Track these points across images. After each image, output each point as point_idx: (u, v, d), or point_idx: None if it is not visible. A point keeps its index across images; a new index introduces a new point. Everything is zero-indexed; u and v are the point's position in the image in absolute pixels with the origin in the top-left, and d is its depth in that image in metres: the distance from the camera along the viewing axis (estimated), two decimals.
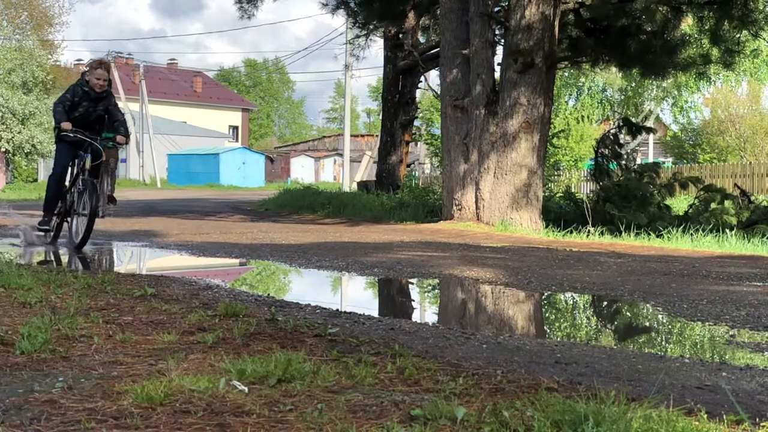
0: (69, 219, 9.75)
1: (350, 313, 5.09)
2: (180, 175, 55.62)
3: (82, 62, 64.49)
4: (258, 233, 12.24)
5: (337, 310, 5.22)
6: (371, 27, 22.74)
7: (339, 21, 65.65)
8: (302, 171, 67.44)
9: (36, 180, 51.72)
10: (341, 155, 51.15)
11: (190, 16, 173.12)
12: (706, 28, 16.51)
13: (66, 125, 9.27)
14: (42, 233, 9.82)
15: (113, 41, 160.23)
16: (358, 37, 24.55)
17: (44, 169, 56.95)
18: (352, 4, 21.44)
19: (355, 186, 31.59)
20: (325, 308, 5.26)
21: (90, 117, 9.54)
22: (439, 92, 17.14)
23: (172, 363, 3.20)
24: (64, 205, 9.78)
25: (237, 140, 72.80)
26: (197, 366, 3.21)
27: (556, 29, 14.45)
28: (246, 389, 2.86)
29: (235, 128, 75.18)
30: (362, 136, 70.86)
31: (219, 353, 3.44)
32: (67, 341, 3.67)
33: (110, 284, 5.58)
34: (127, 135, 9.66)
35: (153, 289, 5.39)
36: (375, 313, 5.59)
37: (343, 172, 46.77)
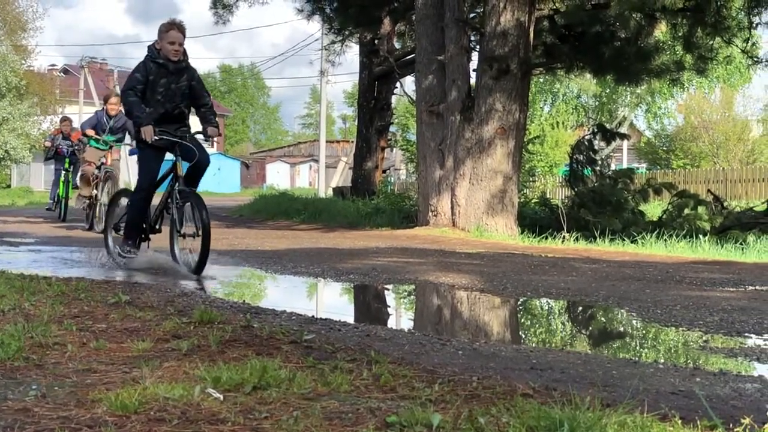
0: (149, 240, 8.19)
1: (326, 319, 5.08)
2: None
3: (55, 67, 64.12)
4: (233, 239, 12.20)
5: (313, 316, 5.21)
6: (347, 33, 22.77)
7: (314, 27, 65.52)
8: (278, 177, 67.35)
9: (9, 186, 51.32)
10: (317, 161, 51.10)
11: (165, 20, 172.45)
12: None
13: (148, 131, 7.46)
14: (125, 259, 8.02)
15: (87, 46, 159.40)
16: (333, 42, 24.55)
17: (17, 175, 56.58)
18: (327, 10, 21.45)
19: (330, 192, 31.58)
20: (300, 315, 5.24)
21: (174, 98, 7.72)
22: (414, 98, 17.17)
23: (147, 371, 3.19)
24: (148, 225, 8.11)
25: (212, 146, 72.47)
26: (172, 373, 3.19)
27: (531, 36, 14.51)
28: (221, 397, 2.84)
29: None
30: (338, 141, 70.87)
31: (194, 360, 3.43)
32: (41, 349, 3.64)
33: (84, 291, 5.54)
34: (217, 125, 8.05)
35: (127, 296, 5.36)
36: (351, 320, 5.58)
37: (318, 178, 46.75)
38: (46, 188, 48.03)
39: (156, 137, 7.49)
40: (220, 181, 55.10)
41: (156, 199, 8.08)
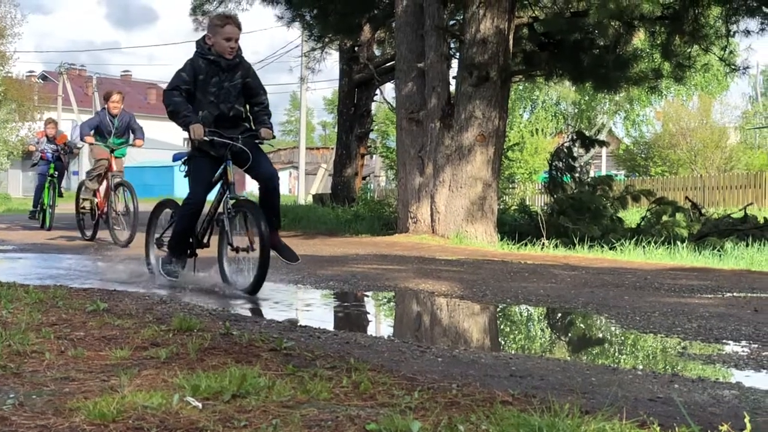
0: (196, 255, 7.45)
1: (305, 326, 5.07)
2: (134, 187, 55.04)
3: (34, 73, 63.78)
4: (212, 246, 12.13)
5: (292, 323, 5.20)
6: (327, 40, 22.75)
7: (294, 34, 65.61)
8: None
9: None
10: (296, 168, 51.02)
11: (145, 27, 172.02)
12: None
13: (197, 129, 6.62)
14: (170, 278, 7.21)
15: (66, 53, 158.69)
16: (313, 49, 24.52)
17: None
18: (307, 17, 21.42)
19: (310, 199, 31.54)
20: (280, 322, 5.23)
21: (229, 98, 6.87)
22: (394, 105, 17.18)
23: (125, 379, 3.17)
24: (195, 239, 7.36)
25: None
26: (150, 382, 3.17)
27: (511, 43, 14.56)
28: (200, 405, 2.83)
29: (190, 141, 74.69)
30: (318, 148, 70.76)
31: (173, 368, 3.41)
32: (19, 357, 3.61)
33: (62, 299, 5.51)
34: (272, 126, 7.15)
35: (105, 303, 5.33)
36: (330, 327, 5.58)
37: (298, 185, 46.69)
38: (24, 195, 47.80)
39: (206, 137, 6.68)
40: None
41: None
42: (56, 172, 15.95)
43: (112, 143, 12.45)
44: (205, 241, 7.39)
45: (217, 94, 6.82)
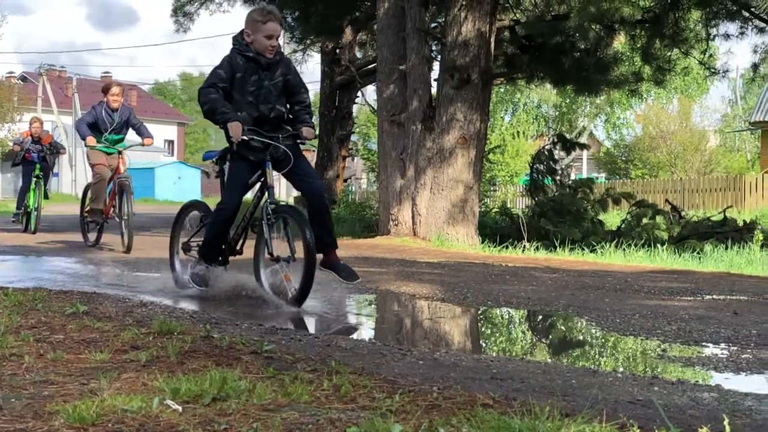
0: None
1: (286, 329, 5.07)
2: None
3: (13, 74, 63.39)
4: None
5: (274, 326, 5.18)
6: (308, 42, 22.78)
7: None
8: None
9: None
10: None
11: (125, 28, 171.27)
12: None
13: (236, 127, 6.06)
14: (199, 287, 6.66)
15: (46, 54, 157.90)
16: (295, 51, 24.52)
17: None
18: (289, 19, 21.40)
19: (292, 201, 31.48)
20: (261, 325, 5.22)
21: (269, 98, 6.34)
22: (376, 107, 17.20)
23: (105, 382, 3.15)
24: (228, 246, 6.74)
25: (172, 154, 72.11)
26: (130, 385, 3.16)
27: (492, 46, 14.59)
28: (180, 408, 2.82)
29: (171, 142, 74.45)
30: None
31: (153, 372, 3.40)
32: None
33: (41, 301, 5.47)
34: (314, 126, 6.66)
35: (85, 306, 5.30)
36: (311, 330, 5.57)
37: (279, 187, 46.60)
38: (4, 197, 47.49)
39: (245, 137, 6.12)
40: (181, 190, 54.72)
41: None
42: (42, 173, 15.32)
43: (109, 140, 11.47)
44: (238, 248, 6.81)
45: (257, 93, 6.31)
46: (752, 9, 14.99)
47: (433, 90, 14.96)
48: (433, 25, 16.49)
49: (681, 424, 2.89)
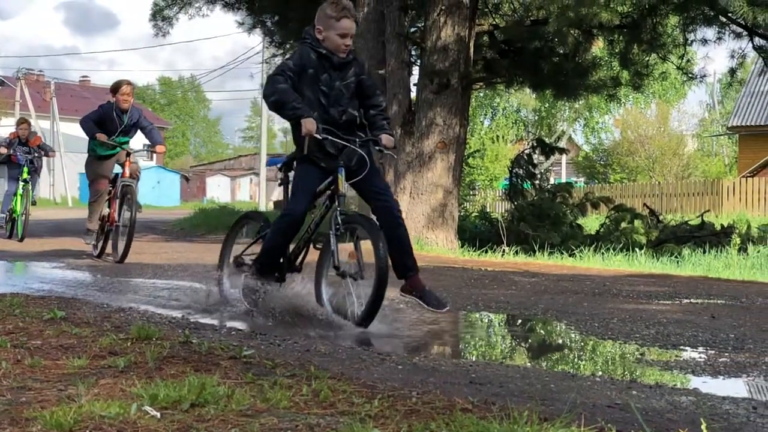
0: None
1: (265, 334, 5.05)
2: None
3: None
4: (173, 253, 12.09)
5: (253, 331, 5.17)
6: (288, 46, 22.69)
7: (256, 40, 65.31)
8: (218, 190, 66.91)
9: None
10: (258, 174, 50.92)
11: (104, 32, 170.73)
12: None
13: (310, 125, 5.46)
14: (252, 305, 6.08)
15: (24, 57, 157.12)
16: (274, 56, 24.47)
17: None
18: (268, 24, 21.37)
19: (272, 205, 31.43)
20: (240, 330, 5.21)
21: (340, 101, 5.79)
22: None
23: (83, 388, 3.14)
24: (286, 260, 6.15)
25: (151, 159, 71.83)
26: (108, 391, 3.14)
27: (472, 50, 14.63)
28: (158, 414, 2.81)
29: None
30: (279, 155, 70.62)
31: (131, 378, 3.38)
32: None
33: (18, 307, 5.43)
34: (393, 133, 6.11)
35: (63, 311, 5.26)
36: (291, 335, 5.55)
37: (259, 192, 46.54)
38: None
39: (319, 135, 5.55)
40: (160, 195, 54.56)
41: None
42: (29, 177, 14.71)
43: (117, 142, 10.62)
44: (297, 263, 6.22)
45: (327, 94, 5.74)
46: (729, 14, 15.06)
47: (413, 95, 14.98)
48: (412, 29, 16.50)
49: (659, 428, 2.90)
